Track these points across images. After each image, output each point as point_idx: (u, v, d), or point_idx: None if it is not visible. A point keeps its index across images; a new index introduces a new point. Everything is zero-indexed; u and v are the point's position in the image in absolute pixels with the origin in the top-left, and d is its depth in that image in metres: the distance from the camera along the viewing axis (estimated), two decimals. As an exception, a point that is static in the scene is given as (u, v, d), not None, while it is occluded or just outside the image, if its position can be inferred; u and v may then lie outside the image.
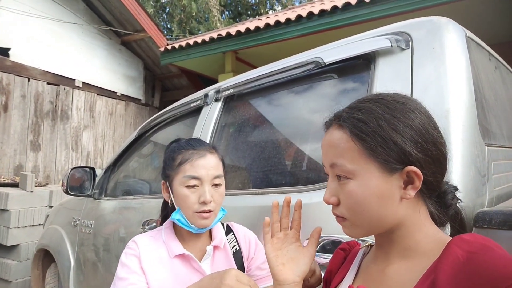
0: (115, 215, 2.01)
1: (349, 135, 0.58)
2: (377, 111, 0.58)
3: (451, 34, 0.99)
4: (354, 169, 0.57)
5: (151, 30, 6.10)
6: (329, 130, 0.63)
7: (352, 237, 0.62)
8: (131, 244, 1.03)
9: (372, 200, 0.57)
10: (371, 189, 0.56)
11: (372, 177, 0.57)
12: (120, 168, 2.29)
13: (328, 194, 0.62)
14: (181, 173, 1.01)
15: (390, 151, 0.56)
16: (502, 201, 0.98)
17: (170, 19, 13.11)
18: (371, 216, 0.58)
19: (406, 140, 0.56)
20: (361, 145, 0.57)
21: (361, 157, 0.57)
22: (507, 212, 0.72)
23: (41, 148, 5.34)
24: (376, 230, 0.60)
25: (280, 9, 12.12)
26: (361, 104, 0.61)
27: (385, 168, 0.56)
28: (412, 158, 0.56)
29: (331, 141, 0.61)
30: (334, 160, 0.60)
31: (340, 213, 0.61)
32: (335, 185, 0.61)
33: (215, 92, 1.65)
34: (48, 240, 2.68)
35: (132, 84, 6.87)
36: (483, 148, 0.93)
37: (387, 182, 0.57)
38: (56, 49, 5.54)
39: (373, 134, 0.56)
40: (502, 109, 1.24)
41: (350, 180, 0.58)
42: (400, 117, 0.57)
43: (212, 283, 0.81)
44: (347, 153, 0.58)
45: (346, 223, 0.61)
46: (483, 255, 0.49)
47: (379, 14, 3.81)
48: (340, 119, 0.61)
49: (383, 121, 0.56)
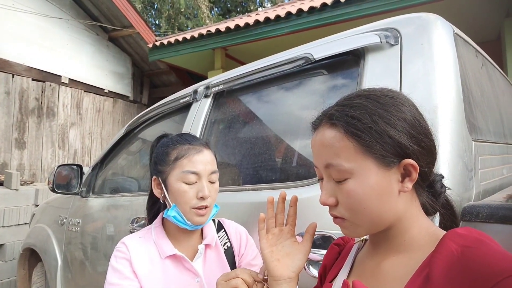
0: (103, 213, 1.98)
1: (343, 133, 0.57)
2: (369, 107, 0.57)
3: (439, 30, 1.00)
4: (351, 167, 0.56)
5: (139, 26, 6.02)
6: (319, 130, 0.61)
7: (352, 237, 0.61)
8: (121, 247, 1.00)
9: (372, 197, 0.56)
10: (370, 186, 0.56)
11: (370, 173, 0.56)
12: (108, 165, 2.26)
13: (325, 196, 0.60)
14: (178, 168, 0.99)
15: (386, 146, 0.55)
16: (489, 195, 1.00)
17: (158, 15, 12.96)
18: (372, 214, 0.57)
19: (401, 133, 0.56)
20: (356, 143, 0.56)
21: (358, 155, 0.56)
22: (494, 205, 0.73)
23: (27, 145, 5.23)
24: (377, 227, 0.59)
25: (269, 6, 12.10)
26: (351, 101, 0.59)
27: (383, 163, 0.56)
28: (409, 151, 0.56)
29: (324, 141, 0.59)
30: (329, 160, 0.58)
31: (339, 213, 0.59)
32: (332, 186, 0.60)
33: (204, 88, 1.63)
34: (35, 239, 2.63)
35: (120, 81, 6.78)
36: (470, 143, 0.94)
37: (385, 177, 0.56)
38: (41, 45, 5.42)
39: (369, 130, 0.55)
40: (488, 105, 1.26)
41: (349, 180, 0.57)
42: (393, 111, 0.57)
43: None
44: (343, 152, 0.57)
45: (346, 223, 0.60)
46: (477, 249, 0.49)
47: (368, 11, 3.84)
48: (331, 117, 0.59)
49: (376, 116, 0.56)
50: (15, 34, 5.08)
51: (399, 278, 0.56)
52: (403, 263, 0.58)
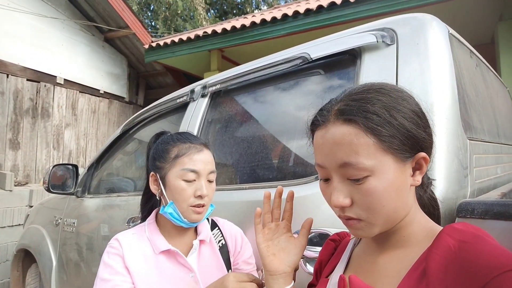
0: (98, 213, 1.97)
1: (361, 129, 0.53)
2: (384, 101, 0.56)
3: (434, 30, 1.01)
4: (372, 164, 0.53)
5: (135, 26, 6.01)
6: (328, 128, 0.57)
7: (365, 237, 0.58)
8: (114, 243, 1.00)
9: (392, 193, 0.54)
10: (390, 182, 0.54)
11: (389, 169, 0.54)
12: (104, 165, 2.25)
13: (340, 197, 0.55)
14: (179, 165, 1.00)
15: (405, 140, 0.55)
16: (483, 194, 1.01)
17: (154, 16, 12.95)
18: (390, 211, 0.55)
19: (416, 127, 0.56)
20: (376, 139, 0.53)
21: (378, 151, 0.53)
22: (489, 202, 0.73)
23: (21, 146, 5.19)
24: (391, 225, 0.58)
25: (266, 8, 12.14)
26: (364, 95, 0.57)
27: (400, 158, 0.55)
28: (423, 144, 0.56)
29: (338, 139, 0.55)
30: (346, 159, 0.54)
31: (355, 214, 0.56)
32: (346, 186, 0.56)
33: (201, 88, 1.63)
34: (29, 240, 2.61)
35: (116, 82, 6.75)
36: (465, 141, 0.95)
37: (402, 171, 0.55)
38: (36, 45, 5.39)
39: (388, 125, 0.54)
40: (482, 105, 1.27)
41: (369, 178, 0.53)
42: (405, 104, 0.57)
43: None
44: (362, 149, 0.53)
45: (361, 224, 0.56)
46: (474, 244, 0.49)
47: (364, 14, 3.87)
48: (344, 113, 0.55)
49: (393, 110, 0.55)
50: (10, 34, 5.04)
51: (396, 273, 0.56)
52: (400, 258, 0.58)
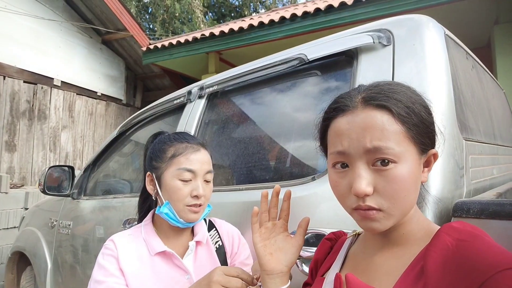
0: (94, 215, 1.96)
1: (393, 117, 0.54)
2: (409, 95, 0.57)
3: (431, 31, 1.02)
4: (401, 151, 0.54)
5: (133, 29, 6.01)
6: (356, 113, 0.56)
7: (379, 231, 0.56)
8: (109, 244, 0.99)
9: (412, 183, 0.55)
10: (412, 172, 0.55)
11: (412, 159, 0.55)
12: (101, 167, 2.24)
13: (365, 184, 0.54)
14: (175, 165, 0.99)
15: (426, 134, 0.57)
16: (479, 194, 1.01)
17: (152, 19, 12.96)
18: (409, 202, 0.56)
19: (434, 124, 0.58)
20: (404, 128, 0.54)
21: (405, 139, 0.54)
22: (484, 202, 0.74)
23: (17, 148, 5.16)
24: (403, 217, 0.57)
25: (263, 11, 12.18)
26: (392, 87, 0.58)
27: (419, 151, 0.56)
28: (434, 141, 0.59)
29: (370, 123, 0.54)
30: (377, 143, 0.53)
31: (377, 204, 0.54)
32: (370, 173, 0.55)
33: (198, 89, 1.63)
34: (24, 242, 2.59)
35: (113, 84, 6.75)
36: (461, 141, 0.96)
37: (419, 164, 0.57)
38: (33, 47, 5.39)
39: (415, 116, 0.55)
40: (478, 106, 1.28)
41: (396, 164, 0.53)
42: (422, 101, 0.59)
43: (200, 286, 0.80)
44: (393, 136, 0.54)
45: (380, 215, 0.55)
46: (472, 243, 0.49)
47: (360, 17, 3.89)
48: (377, 99, 0.56)
49: (418, 104, 0.57)
50: (7, 36, 5.04)
51: (393, 271, 0.56)
52: (397, 256, 0.58)
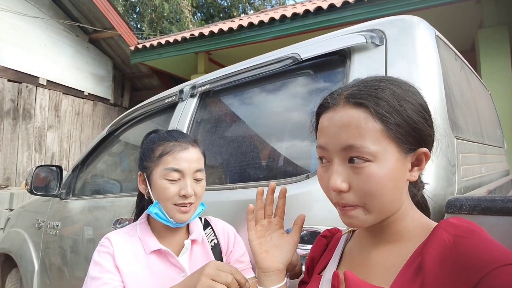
0: (83, 215, 1.92)
1: (370, 115, 0.54)
2: (395, 91, 0.56)
3: (422, 32, 1.04)
4: (376, 150, 0.53)
5: (121, 28, 5.94)
6: (337, 110, 0.56)
7: (359, 227, 0.57)
8: (104, 241, 0.98)
9: (390, 182, 0.54)
10: (390, 170, 0.54)
11: (391, 158, 0.54)
12: (89, 167, 2.21)
13: (339, 180, 0.55)
14: (162, 165, 0.98)
15: (411, 132, 0.55)
16: (470, 191, 1.03)
17: (140, 18, 12.81)
18: (386, 200, 0.55)
19: (423, 122, 0.56)
20: (383, 126, 0.53)
21: (383, 138, 0.54)
22: (477, 198, 0.75)
23: (1, 148, 5.04)
24: (384, 215, 0.57)
25: (252, 12, 12.19)
26: (376, 83, 0.57)
27: (403, 150, 0.55)
28: (426, 140, 0.57)
29: (346, 121, 0.54)
30: (351, 141, 0.54)
31: (351, 200, 0.55)
32: (346, 169, 0.55)
33: (190, 88, 1.62)
34: (10, 244, 2.53)
35: (100, 84, 6.65)
36: (453, 139, 0.98)
37: (402, 163, 0.55)
38: (18, 45, 5.27)
39: (396, 114, 0.54)
40: (467, 106, 1.31)
41: (371, 163, 0.53)
42: (415, 98, 0.57)
43: (192, 278, 0.80)
44: (369, 134, 0.53)
45: (356, 211, 0.56)
46: (469, 239, 0.49)
47: (349, 19, 3.94)
48: (355, 96, 0.55)
49: (403, 101, 0.55)
50: (-10, 33, 4.92)
51: (390, 268, 0.56)
52: (394, 253, 0.58)
